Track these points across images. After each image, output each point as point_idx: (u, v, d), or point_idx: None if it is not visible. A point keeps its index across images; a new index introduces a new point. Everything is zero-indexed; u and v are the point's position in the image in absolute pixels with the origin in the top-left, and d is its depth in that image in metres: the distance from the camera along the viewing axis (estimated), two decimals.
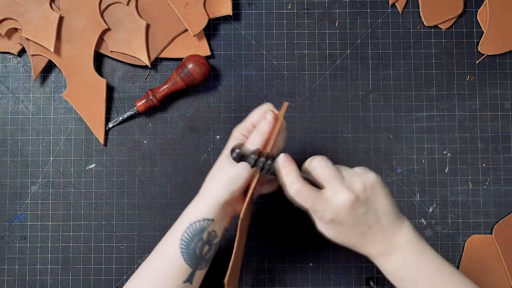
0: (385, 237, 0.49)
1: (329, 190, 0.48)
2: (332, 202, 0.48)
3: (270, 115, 0.52)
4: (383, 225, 0.49)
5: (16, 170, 0.68)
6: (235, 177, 0.52)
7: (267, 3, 0.70)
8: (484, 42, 0.69)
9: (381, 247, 0.50)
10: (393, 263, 0.50)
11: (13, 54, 0.69)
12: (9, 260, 0.67)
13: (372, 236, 0.49)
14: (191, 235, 0.53)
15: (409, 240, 0.50)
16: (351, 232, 0.49)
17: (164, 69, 0.69)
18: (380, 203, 0.49)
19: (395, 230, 0.50)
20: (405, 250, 0.50)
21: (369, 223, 0.49)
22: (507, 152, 0.69)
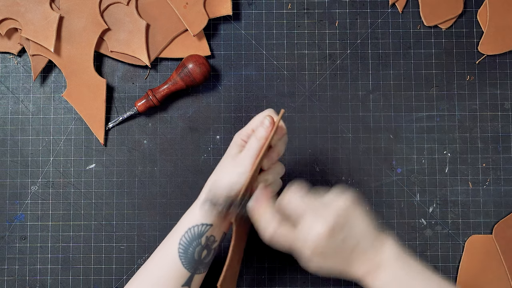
0: (369, 257, 0.49)
1: (305, 221, 0.48)
2: (308, 237, 0.48)
3: (268, 121, 0.52)
4: (365, 247, 0.49)
5: (16, 170, 0.68)
6: (234, 183, 0.52)
7: (267, 3, 0.70)
8: (484, 42, 0.69)
9: (367, 267, 0.50)
10: (381, 280, 0.49)
11: (13, 54, 0.69)
12: (9, 260, 0.67)
13: (356, 260, 0.49)
14: (189, 240, 0.53)
15: (393, 255, 0.50)
16: (334, 260, 0.49)
17: (164, 69, 0.69)
18: (357, 226, 0.49)
19: (377, 248, 0.49)
20: (391, 266, 0.49)
21: (350, 248, 0.49)
22: (507, 152, 0.69)
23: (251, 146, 0.52)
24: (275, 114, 0.54)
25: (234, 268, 0.56)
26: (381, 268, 0.49)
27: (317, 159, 0.68)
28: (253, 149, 0.52)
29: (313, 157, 0.68)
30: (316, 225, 0.48)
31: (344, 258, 0.49)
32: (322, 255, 0.49)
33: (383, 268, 0.49)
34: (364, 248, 0.49)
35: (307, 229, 0.48)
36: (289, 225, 0.50)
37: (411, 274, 0.50)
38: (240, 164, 0.52)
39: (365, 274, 0.50)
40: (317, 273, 0.51)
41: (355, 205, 0.50)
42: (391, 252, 0.50)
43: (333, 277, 0.51)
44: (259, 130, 0.53)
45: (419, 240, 0.68)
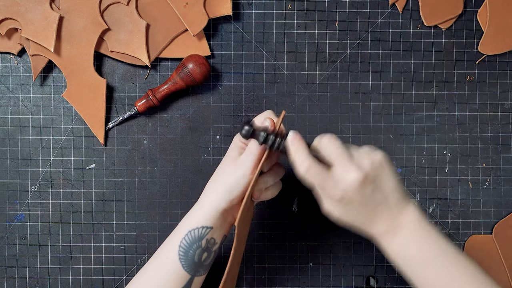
0: (391, 215, 0.50)
1: (338, 168, 0.48)
2: (341, 180, 0.48)
3: (268, 123, 0.52)
4: (390, 204, 0.49)
5: (16, 170, 0.68)
6: (233, 186, 0.52)
7: (267, 3, 0.70)
8: (484, 42, 0.69)
9: (386, 226, 0.50)
10: (397, 242, 0.50)
11: (13, 54, 0.69)
12: (9, 260, 0.67)
13: (379, 215, 0.50)
14: (189, 242, 0.53)
15: (414, 220, 0.50)
16: (359, 211, 0.49)
17: (164, 69, 0.69)
18: (387, 182, 0.49)
19: (400, 209, 0.50)
20: (409, 229, 0.50)
21: (376, 202, 0.49)
22: (507, 152, 0.69)
23: (251, 149, 0.52)
24: (275, 115, 0.54)
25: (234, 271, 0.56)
26: (399, 230, 0.49)
27: None
28: (253, 152, 0.52)
29: None
30: (351, 171, 0.48)
31: (368, 211, 0.49)
32: (349, 202, 0.49)
33: (401, 230, 0.49)
34: (389, 205, 0.49)
35: (341, 174, 0.48)
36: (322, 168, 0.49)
37: (427, 240, 0.50)
38: (241, 166, 0.52)
39: (383, 232, 0.50)
40: (337, 222, 0.50)
41: (388, 163, 0.50)
42: (412, 217, 0.50)
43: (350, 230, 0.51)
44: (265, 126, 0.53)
45: None
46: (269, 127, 0.52)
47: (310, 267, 0.68)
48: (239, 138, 0.55)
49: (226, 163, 0.54)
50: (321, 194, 0.50)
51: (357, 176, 0.48)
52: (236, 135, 0.55)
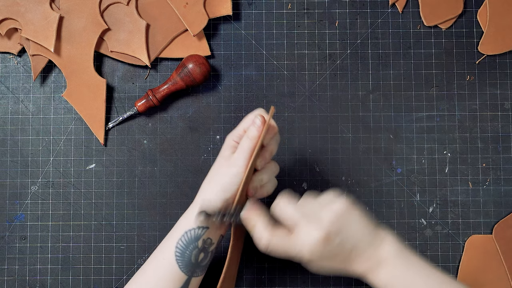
0: (368, 255, 0.50)
1: (300, 229, 0.49)
2: (304, 244, 0.48)
3: (259, 120, 0.52)
4: (363, 246, 0.50)
5: (16, 170, 0.68)
6: (228, 185, 0.52)
7: (267, 3, 0.70)
8: (484, 42, 0.69)
9: (367, 265, 0.50)
10: (382, 277, 0.50)
11: (13, 54, 0.69)
12: (9, 260, 0.67)
13: (355, 259, 0.50)
14: (186, 243, 0.53)
15: (393, 252, 0.50)
16: (333, 263, 0.50)
17: (164, 69, 0.69)
18: (353, 229, 0.49)
19: (376, 246, 0.50)
20: (391, 262, 0.50)
21: (348, 250, 0.49)
22: (507, 152, 0.69)
23: (243, 146, 0.52)
24: (266, 113, 0.54)
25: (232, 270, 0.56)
26: (381, 265, 0.50)
27: (317, 159, 0.68)
28: (245, 149, 0.52)
29: (313, 157, 0.68)
30: (312, 232, 0.48)
31: (343, 258, 0.50)
32: (320, 259, 0.49)
33: (384, 265, 0.50)
34: (363, 247, 0.50)
35: (303, 237, 0.48)
36: (284, 232, 0.50)
37: (412, 270, 0.50)
38: (234, 164, 0.52)
39: (366, 271, 0.50)
40: (319, 273, 0.51)
41: (350, 208, 0.50)
42: (391, 249, 0.50)
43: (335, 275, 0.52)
44: (250, 129, 0.53)
45: (419, 240, 0.68)
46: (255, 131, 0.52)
47: None
48: (231, 137, 0.55)
49: (219, 162, 0.54)
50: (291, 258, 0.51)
51: (318, 236, 0.48)
52: (228, 135, 0.55)
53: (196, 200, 0.55)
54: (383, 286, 0.50)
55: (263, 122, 0.53)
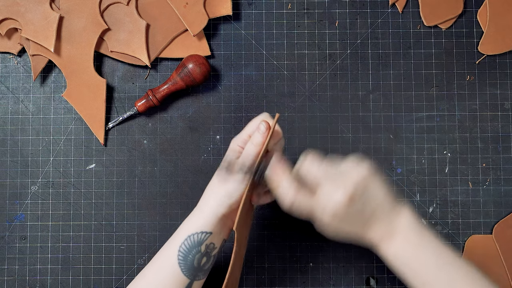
0: (385, 222, 0.50)
1: (325, 188, 0.49)
2: (329, 200, 0.48)
3: (263, 126, 0.52)
4: (382, 212, 0.50)
5: (16, 170, 0.68)
6: (232, 191, 0.52)
7: (267, 3, 0.70)
8: (484, 42, 0.69)
9: (382, 233, 0.50)
10: (393, 248, 0.50)
11: (13, 54, 0.69)
12: (9, 260, 0.67)
13: (372, 224, 0.50)
14: (188, 247, 0.53)
15: (409, 224, 0.50)
16: (351, 226, 0.50)
17: (164, 69, 0.69)
18: (376, 192, 0.50)
19: (394, 215, 0.50)
20: (404, 234, 0.50)
21: (368, 213, 0.49)
22: (507, 152, 0.69)
23: (248, 152, 0.52)
24: (271, 118, 0.54)
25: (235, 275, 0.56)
26: (395, 235, 0.50)
27: None
28: (250, 155, 0.52)
29: None
30: (336, 193, 0.48)
31: (361, 224, 0.50)
32: (340, 222, 0.49)
33: (397, 236, 0.50)
34: (381, 214, 0.50)
35: (326, 197, 0.48)
36: (308, 192, 0.49)
37: (425, 245, 0.50)
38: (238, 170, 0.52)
39: (379, 240, 0.50)
40: (333, 238, 0.51)
41: (373, 174, 0.50)
42: (406, 221, 0.50)
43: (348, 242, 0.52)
44: (255, 136, 0.53)
45: None
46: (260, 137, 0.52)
47: (310, 267, 0.68)
48: (236, 142, 0.55)
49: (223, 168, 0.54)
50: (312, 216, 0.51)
51: (344, 194, 0.48)
52: (233, 140, 0.55)
53: (199, 204, 0.55)
54: (393, 257, 0.50)
55: (267, 128, 0.52)
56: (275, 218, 0.68)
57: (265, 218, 0.68)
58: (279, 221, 0.68)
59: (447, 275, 0.49)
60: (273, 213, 0.68)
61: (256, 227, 0.68)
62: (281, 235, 0.68)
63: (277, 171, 0.51)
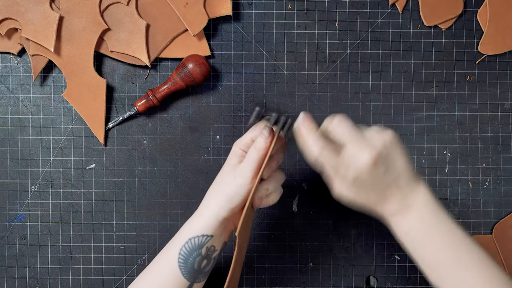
0: (402, 195, 0.50)
1: (350, 149, 0.49)
2: (354, 161, 0.48)
3: (267, 131, 0.52)
4: (401, 183, 0.50)
5: (16, 170, 0.68)
6: (233, 195, 0.52)
7: (267, 3, 0.70)
8: (484, 42, 0.69)
9: (398, 205, 0.50)
10: (406, 223, 0.50)
11: (13, 54, 0.69)
12: (9, 260, 0.67)
13: (389, 194, 0.50)
14: (189, 250, 0.53)
15: (424, 201, 0.50)
16: (371, 191, 0.49)
17: (164, 69, 0.69)
18: (398, 161, 0.50)
19: (412, 189, 0.50)
20: (418, 210, 0.50)
21: (388, 181, 0.49)
22: (507, 152, 0.69)
23: (250, 157, 0.52)
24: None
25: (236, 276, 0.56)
26: (410, 210, 0.50)
27: None
28: (253, 160, 0.52)
29: None
30: (362, 154, 0.48)
31: (380, 190, 0.50)
32: (362, 183, 0.49)
33: (412, 210, 0.50)
34: (401, 184, 0.50)
35: (353, 157, 0.48)
36: (333, 150, 0.49)
37: (436, 222, 0.50)
38: (241, 175, 0.52)
39: (394, 212, 0.50)
40: (348, 204, 0.50)
41: (397, 141, 0.50)
42: (423, 196, 0.50)
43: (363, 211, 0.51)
44: (258, 141, 0.52)
45: None
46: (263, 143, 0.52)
47: (310, 267, 0.68)
48: (238, 145, 0.54)
49: (225, 171, 0.54)
50: (333, 177, 0.50)
51: (370, 156, 0.48)
52: (235, 143, 0.55)
53: (200, 207, 0.54)
54: (404, 233, 0.50)
55: (271, 133, 0.52)
56: (275, 218, 0.68)
57: (265, 218, 0.68)
58: (279, 221, 0.68)
59: (457, 256, 0.49)
60: (273, 213, 0.68)
61: (256, 227, 0.68)
62: (281, 235, 0.68)
63: (305, 124, 0.50)
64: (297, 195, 0.68)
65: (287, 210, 0.68)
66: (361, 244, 0.68)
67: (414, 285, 0.68)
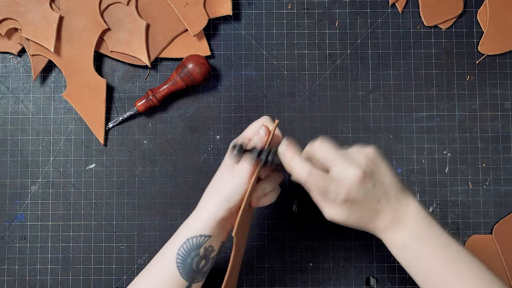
0: (393, 208, 0.50)
1: (336, 169, 0.49)
2: (342, 180, 0.48)
3: (263, 130, 0.52)
4: (390, 197, 0.50)
5: (16, 170, 0.68)
6: (231, 195, 0.52)
7: (267, 3, 0.70)
8: (484, 42, 0.69)
9: (390, 220, 0.50)
10: (400, 236, 0.50)
11: (13, 54, 0.69)
12: (9, 260, 0.67)
13: (381, 210, 0.50)
14: (187, 250, 0.53)
15: (415, 213, 0.50)
16: (363, 209, 0.49)
17: (164, 69, 0.69)
18: (384, 174, 0.50)
19: (401, 202, 0.50)
20: (411, 223, 0.50)
21: (378, 197, 0.49)
22: (507, 152, 0.69)
23: (248, 157, 0.52)
24: (271, 121, 0.54)
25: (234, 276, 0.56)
26: (402, 223, 0.50)
27: None
28: (250, 160, 0.52)
29: None
30: (349, 171, 0.48)
31: (372, 207, 0.49)
32: (353, 202, 0.49)
33: (404, 224, 0.50)
34: (390, 198, 0.50)
35: (341, 173, 0.48)
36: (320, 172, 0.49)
37: (431, 234, 0.50)
38: (238, 175, 0.51)
39: (387, 227, 0.50)
40: (343, 223, 0.50)
41: (380, 155, 0.51)
42: (414, 209, 0.50)
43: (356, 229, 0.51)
44: (254, 140, 0.52)
45: None
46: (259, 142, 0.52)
47: (310, 267, 0.68)
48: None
49: (223, 171, 0.54)
50: (323, 200, 0.50)
51: (357, 172, 0.48)
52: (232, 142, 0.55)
53: (198, 207, 0.54)
54: (399, 247, 0.50)
55: (267, 133, 0.52)
56: (275, 218, 0.68)
57: (265, 218, 0.68)
58: (279, 221, 0.68)
59: (454, 269, 0.49)
60: (273, 213, 0.68)
61: (256, 227, 0.68)
62: (281, 235, 0.68)
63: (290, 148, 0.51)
64: (297, 195, 0.68)
65: (287, 210, 0.68)
66: (361, 244, 0.68)
67: (414, 285, 0.68)
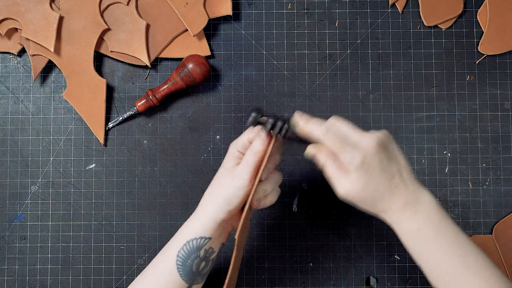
0: (408, 191, 0.50)
1: (353, 137, 0.49)
2: (359, 144, 0.48)
3: (264, 133, 0.52)
4: (405, 178, 0.50)
5: (16, 170, 0.68)
6: (231, 197, 0.51)
7: (267, 3, 0.70)
8: (484, 42, 0.69)
9: (404, 201, 0.49)
10: (416, 220, 0.49)
11: (13, 54, 0.69)
12: (9, 260, 0.67)
13: (396, 188, 0.49)
14: (187, 252, 0.53)
15: (430, 200, 0.50)
16: (378, 180, 0.48)
17: (164, 69, 0.69)
18: (397, 155, 0.50)
19: (417, 187, 0.50)
20: (428, 208, 0.50)
21: (392, 172, 0.49)
22: (507, 152, 0.69)
23: (248, 160, 0.51)
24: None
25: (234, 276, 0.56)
26: (417, 208, 0.49)
27: None
28: (250, 162, 0.51)
29: None
30: (367, 136, 0.49)
31: (386, 181, 0.49)
32: (368, 170, 0.48)
33: (419, 209, 0.49)
34: (405, 179, 0.50)
35: (358, 140, 0.49)
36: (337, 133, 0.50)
37: (445, 222, 0.50)
38: (238, 177, 0.51)
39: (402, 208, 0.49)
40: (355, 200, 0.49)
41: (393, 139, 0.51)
42: (428, 196, 0.50)
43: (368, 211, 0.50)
44: (256, 143, 0.52)
45: None
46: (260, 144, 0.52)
47: (310, 267, 0.68)
48: (235, 147, 0.54)
49: (223, 173, 0.53)
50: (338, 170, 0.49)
51: (373, 139, 0.48)
52: (232, 144, 0.55)
53: (198, 209, 0.54)
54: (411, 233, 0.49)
55: (268, 135, 0.52)
56: (275, 218, 0.68)
57: (265, 218, 0.68)
58: (279, 221, 0.68)
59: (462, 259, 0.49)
60: (273, 213, 0.68)
61: (256, 227, 0.68)
62: (281, 235, 0.68)
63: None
64: (297, 195, 0.68)
65: (287, 210, 0.68)
66: (361, 244, 0.68)
67: (414, 285, 0.68)
